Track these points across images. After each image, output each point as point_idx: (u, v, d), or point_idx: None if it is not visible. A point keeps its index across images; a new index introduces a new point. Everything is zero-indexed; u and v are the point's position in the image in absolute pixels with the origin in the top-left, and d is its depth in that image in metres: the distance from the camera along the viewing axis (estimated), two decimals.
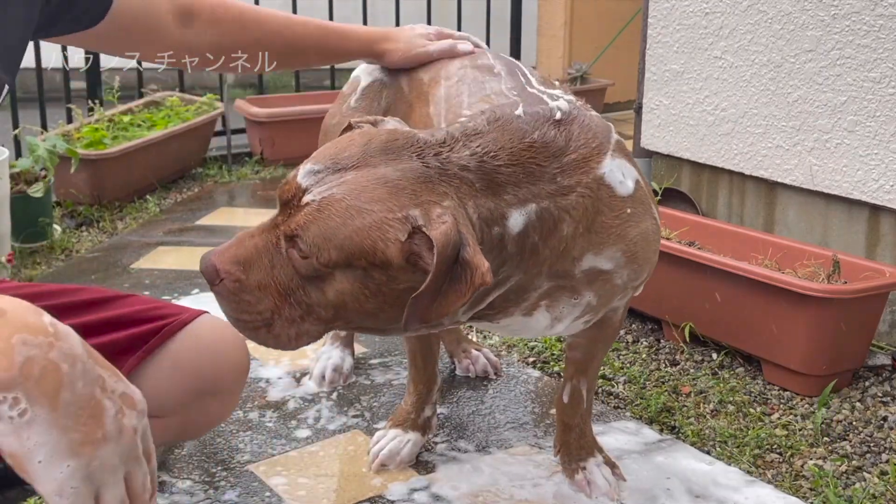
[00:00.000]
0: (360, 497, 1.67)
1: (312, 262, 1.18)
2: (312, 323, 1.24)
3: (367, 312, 1.23)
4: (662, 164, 3.06)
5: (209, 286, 1.25)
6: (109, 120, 3.89)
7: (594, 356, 1.66)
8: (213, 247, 1.28)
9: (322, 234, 1.17)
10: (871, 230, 2.48)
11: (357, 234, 1.16)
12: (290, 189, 1.23)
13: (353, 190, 1.18)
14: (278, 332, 1.25)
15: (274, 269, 1.22)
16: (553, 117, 1.33)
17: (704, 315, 2.34)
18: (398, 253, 1.16)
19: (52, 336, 0.81)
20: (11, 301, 0.83)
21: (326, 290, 1.21)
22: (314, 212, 1.18)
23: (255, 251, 1.23)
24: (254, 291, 1.22)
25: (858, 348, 2.20)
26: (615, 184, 1.36)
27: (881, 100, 2.38)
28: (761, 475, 1.85)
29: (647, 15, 3.02)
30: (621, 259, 1.39)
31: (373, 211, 1.16)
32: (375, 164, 1.20)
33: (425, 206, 1.17)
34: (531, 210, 1.27)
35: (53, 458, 0.79)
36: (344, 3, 5.01)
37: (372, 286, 1.19)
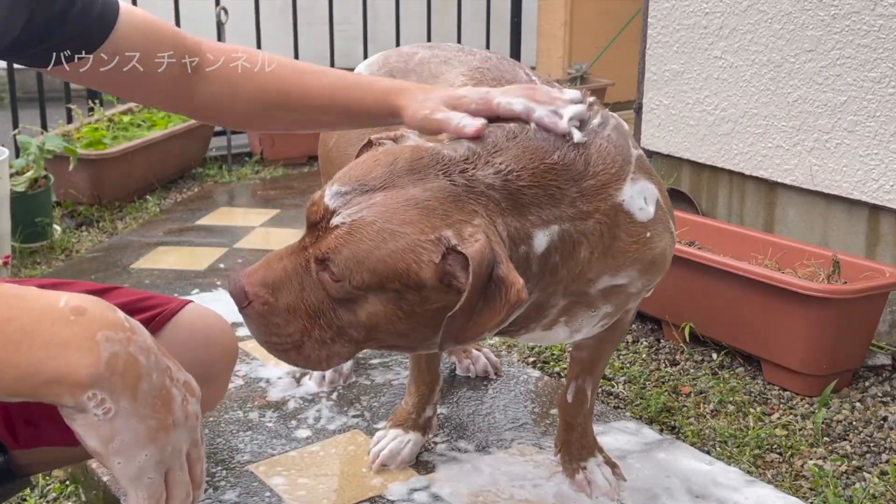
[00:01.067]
0: (360, 497, 1.67)
1: (345, 285, 1.17)
2: (343, 344, 1.24)
3: (400, 333, 1.22)
4: (662, 164, 3.06)
5: (238, 308, 1.23)
6: (109, 120, 3.90)
7: (601, 356, 1.66)
8: (213, 246, 1.28)
9: (355, 258, 1.15)
10: (871, 230, 2.48)
11: (390, 257, 1.15)
12: (317, 210, 1.21)
13: (384, 212, 1.16)
14: (308, 354, 1.24)
15: (304, 291, 1.21)
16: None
17: (704, 315, 2.34)
18: (432, 274, 1.16)
19: (129, 331, 0.85)
20: (89, 299, 0.85)
21: (358, 312, 1.20)
22: (345, 235, 1.16)
23: (284, 274, 1.21)
24: (283, 314, 1.21)
25: (858, 348, 2.20)
26: (635, 210, 1.35)
27: (881, 100, 2.38)
28: (761, 475, 1.85)
29: (647, 15, 3.02)
30: (637, 276, 1.40)
31: (405, 233, 1.15)
32: (403, 184, 1.19)
33: (457, 225, 1.16)
34: (554, 231, 1.26)
35: (133, 446, 0.83)
36: (344, 3, 5.01)
37: (405, 307, 1.18)
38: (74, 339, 0.82)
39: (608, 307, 1.41)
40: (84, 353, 0.81)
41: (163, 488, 0.87)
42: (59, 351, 0.81)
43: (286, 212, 3.62)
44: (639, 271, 1.39)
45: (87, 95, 4.17)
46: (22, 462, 1.30)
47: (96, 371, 0.81)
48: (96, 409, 0.81)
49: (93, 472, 1.75)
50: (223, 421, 1.93)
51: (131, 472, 0.84)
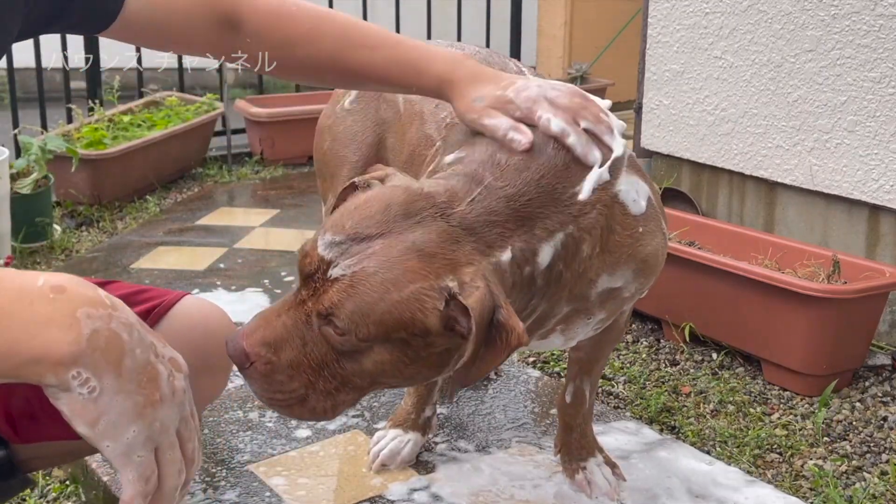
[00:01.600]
0: (360, 497, 1.67)
1: (350, 338, 1.16)
2: (348, 392, 1.23)
3: (405, 377, 1.22)
4: (662, 164, 3.06)
5: (238, 369, 1.22)
6: (109, 120, 3.90)
7: (599, 356, 1.66)
8: (213, 246, 1.28)
9: (359, 311, 1.14)
10: (871, 230, 2.48)
11: (395, 307, 1.14)
12: (311, 262, 1.19)
13: (384, 262, 1.15)
14: (313, 406, 1.23)
15: (306, 346, 1.19)
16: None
17: (704, 315, 2.34)
18: (437, 321, 1.15)
19: (110, 307, 0.85)
20: (67, 277, 0.85)
21: (364, 362, 1.19)
22: (347, 288, 1.15)
23: (284, 331, 1.19)
24: (286, 371, 1.20)
25: (858, 348, 2.20)
26: (629, 202, 1.35)
27: (881, 100, 2.38)
28: (761, 475, 1.85)
29: (647, 15, 3.03)
30: (631, 276, 1.40)
31: (408, 283, 1.14)
32: (400, 230, 1.17)
33: (457, 269, 1.16)
34: (558, 240, 1.26)
35: (120, 422, 0.83)
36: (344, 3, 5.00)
37: (410, 354, 1.18)
38: (55, 316, 0.81)
39: (602, 314, 1.42)
40: (65, 330, 0.80)
41: (154, 466, 0.86)
42: (39, 329, 0.80)
43: (286, 212, 3.62)
44: (633, 272, 1.39)
45: (88, 95, 4.17)
46: (23, 457, 1.30)
47: (78, 348, 0.80)
48: (81, 388, 0.81)
49: (93, 472, 1.75)
50: (223, 421, 1.93)
51: (120, 450, 0.83)
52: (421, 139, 1.58)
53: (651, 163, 3.09)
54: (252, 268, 2.93)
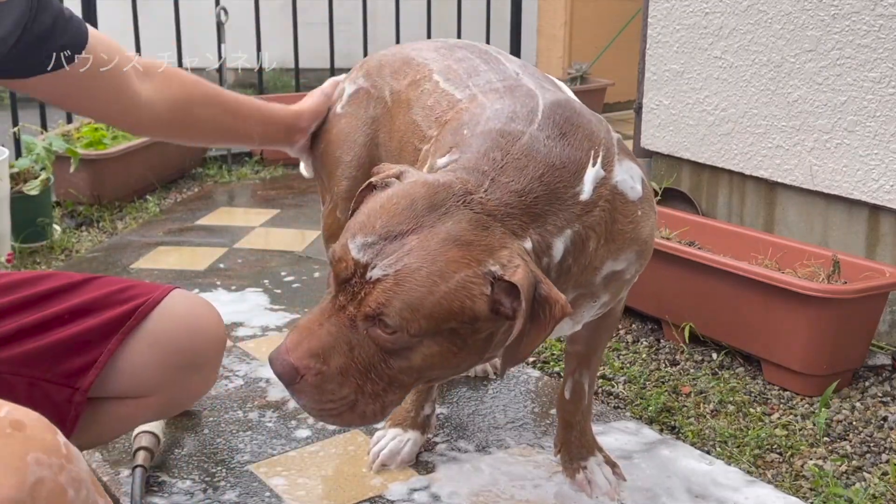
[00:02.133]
0: (360, 497, 1.67)
1: (402, 336, 1.17)
2: (395, 392, 1.24)
3: (451, 366, 1.23)
4: (662, 164, 3.06)
5: (287, 387, 1.22)
6: None
7: (597, 347, 1.67)
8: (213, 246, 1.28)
9: (409, 307, 1.15)
10: (871, 230, 2.48)
11: (445, 299, 1.15)
12: (347, 267, 1.20)
13: (425, 256, 1.16)
14: (363, 410, 1.23)
15: (353, 351, 1.20)
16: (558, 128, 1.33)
17: (704, 315, 2.34)
18: (485, 306, 1.17)
19: (65, 458, 0.81)
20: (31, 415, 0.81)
21: (413, 358, 1.20)
22: (393, 286, 1.15)
23: (330, 339, 1.20)
24: (336, 378, 1.20)
25: (858, 348, 2.20)
26: (627, 190, 1.38)
27: (881, 100, 2.38)
28: (761, 475, 1.85)
29: (647, 15, 3.03)
30: (634, 258, 1.43)
31: (454, 273, 1.16)
32: (431, 223, 1.19)
33: (495, 253, 1.18)
34: (567, 237, 1.29)
35: None
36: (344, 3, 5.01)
37: (458, 342, 1.19)
38: (3, 455, 0.78)
39: (606, 296, 1.45)
40: (10, 472, 0.77)
41: None
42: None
43: (286, 212, 3.62)
44: (636, 253, 1.42)
45: None
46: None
47: (17, 494, 0.76)
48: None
49: (93, 472, 1.75)
50: (223, 421, 1.93)
51: None
52: (409, 126, 1.60)
53: (651, 163, 3.09)
54: (252, 268, 2.93)
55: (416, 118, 1.57)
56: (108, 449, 1.80)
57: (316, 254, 3.07)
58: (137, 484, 1.62)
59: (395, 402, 1.26)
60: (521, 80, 1.48)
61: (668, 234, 2.56)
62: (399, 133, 1.62)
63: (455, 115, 1.45)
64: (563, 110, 1.36)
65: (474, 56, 1.62)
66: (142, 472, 1.65)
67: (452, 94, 1.53)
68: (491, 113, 1.38)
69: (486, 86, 1.49)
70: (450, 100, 1.52)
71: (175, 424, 1.90)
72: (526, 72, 1.53)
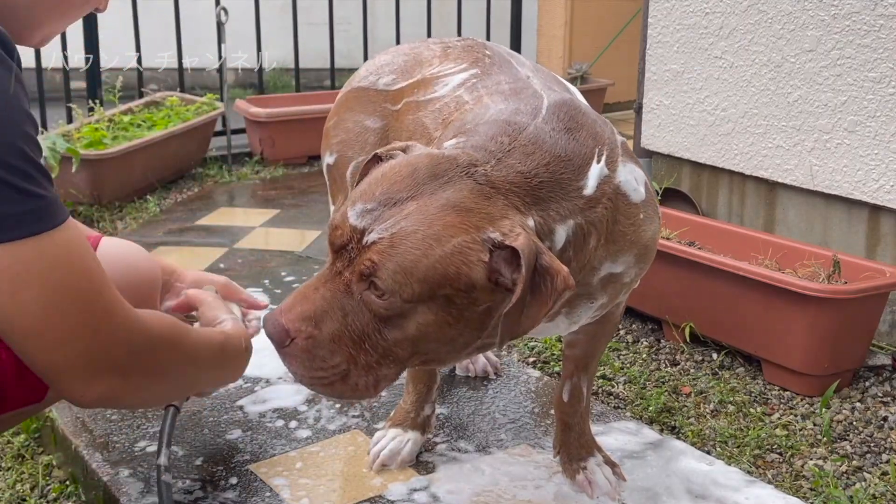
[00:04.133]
0: (360, 497, 1.67)
1: (395, 300, 1.15)
2: (389, 366, 1.22)
3: (448, 339, 1.21)
4: (662, 164, 3.06)
5: (277, 350, 1.21)
6: (109, 120, 3.90)
7: (595, 352, 1.67)
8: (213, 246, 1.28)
9: (403, 270, 1.13)
10: (871, 230, 2.48)
11: (440, 262, 1.14)
12: (343, 233, 1.19)
13: (423, 220, 1.15)
14: (356, 382, 1.21)
15: (347, 317, 1.18)
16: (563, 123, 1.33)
17: (704, 315, 2.34)
18: (482, 273, 1.16)
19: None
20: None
21: (406, 327, 1.18)
22: (388, 248, 1.14)
23: (324, 303, 1.18)
24: (328, 345, 1.19)
25: (858, 348, 2.20)
26: (630, 192, 1.37)
27: (881, 100, 2.38)
28: (761, 475, 1.85)
29: (647, 15, 3.03)
30: (633, 262, 1.42)
31: (450, 237, 1.14)
32: (432, 190, 1.18)
33: (495, 222, 1.17)
34: (570, 226, 1.28)
35: None
36: (344, 3, 5.01)
37: (454, 312, 1.18)
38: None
39: (604, 298, 1.44)
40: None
41: None
42: None
43: (286, 212, 3.62)
44: (635, 257, 1.41)
45: (88, 95, 4.17)
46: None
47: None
48: None
49: (93, 473, 1.75)
50: (223, 421, 1.93)
51: None
52: (417, 126, 1.60)
53: (651, 163, 3.09)
54: (252, 268, 2.93)
55: (425, 120, 1.58)
56: (108, 449, 1.80)
57: (316, 254, 3.07)
58: (168, 424, 1.58)
59: (389, 378, 1.24)
60: (530, 82, 1.48)
61: (669, 234, 2.56)
62: (407, 133, 1.63)
63: (459, 116, 1.46)
64: (568, 109, 1.36)
65: (486, 58, 1.62)
66: (174, 411, 1.60)
67: (460, 96, 1.53)
68: (495, 111, 1.38)
69: (493, 87, 1.49)
70: (458, 101, 1.52)
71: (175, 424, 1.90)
72: (537, 75, 1.53)
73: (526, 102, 1.38)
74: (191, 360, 1.34)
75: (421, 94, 1.63)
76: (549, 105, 1.36)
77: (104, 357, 1.17)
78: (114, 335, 1.17)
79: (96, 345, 1.15)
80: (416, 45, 1.79)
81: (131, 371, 1.20)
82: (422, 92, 1.63)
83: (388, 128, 1.71)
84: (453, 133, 1.38)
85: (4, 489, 1.85)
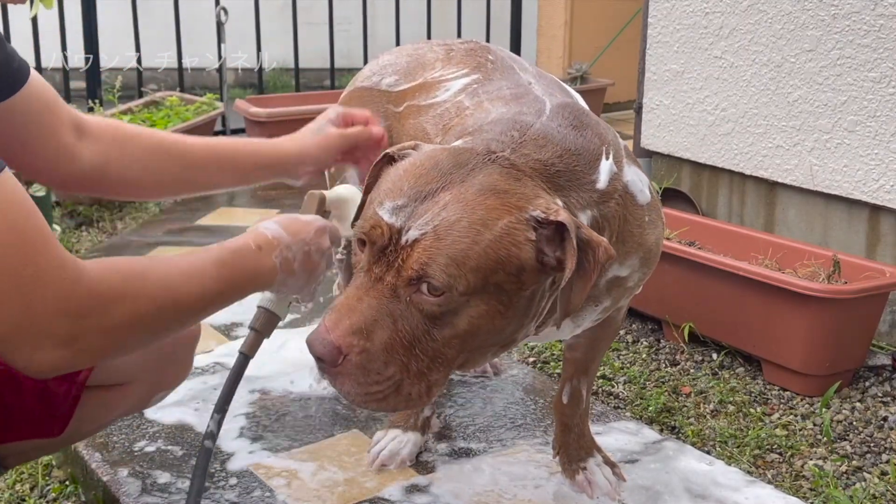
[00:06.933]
0: (360, 497, 1.67)
1: (451, 295, 1.11)
2: (438, 370, 1.18)
3: (497, 330, 1.18)
4: (662, 164, 3.06)
5: (327, 371, 1.14)
6: None
7: (595, 355, 1.67)
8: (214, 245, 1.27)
9: (454, 261, 1.10)
10: (872, 230, 2.48)
11: (491, 247, 1.11)
12: (382, 233, 1.14)
13: (463, 207, 1.12)
14: (409, 391, 1.17)
15: (397, 322, 1.13)
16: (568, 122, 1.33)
17: (704, 315, 2.34)
18: (532, 253, 1.14)
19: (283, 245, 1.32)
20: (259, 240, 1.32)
21: (458, 323, 1.14)
22: (433, 243, 1.10)
23: (372, 312, 1.13)
24: (381, 356, 1.13)
25: (858, 348, 2.20)
26: (636, 192, 1.37)
27: (881, 99, 2.38)
28: (761, 475, 1.85)
29: (647, 15, 3.02)
30: (637, 265, 1.42)
31: (496, 219, 1.12)
32: (461, 178, 1.15)
33: (532, 201, 1.15)
34: (588, 217, 1.27)
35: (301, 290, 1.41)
36: (344, 3, 5.01)
37: (504, 300, 1.15)
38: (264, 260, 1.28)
39: (608, 301, 1.44)
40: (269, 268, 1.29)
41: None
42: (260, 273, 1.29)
43: (286, 212, 3.62)
44: (640, 260, 1.41)
45: (87, 95, 4.17)
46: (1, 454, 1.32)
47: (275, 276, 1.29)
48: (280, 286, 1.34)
49: (93, 473, 1.75)
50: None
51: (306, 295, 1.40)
52: (417, 131, 1.60)
53: (651, 163, 3.09)
54: None
55: (426, 125, 1.57)
56: (108, 449, 1.80)
57: None
58: (233, 375, 1.49)
59: (439, 384, 1.19)
60: (531, 88, 1.47)
61: (669, 234, 2.56)
62: (409, 137, 1.62)
63: (459, 121, 1.45)
64: (572, 110, 1.36)
65: (489, 62, 1.61)
66: (242, 359, 1.49)
67: (461, 101, 1.53)
68: (497, 114, 1.38)
69: (494, 93, 1.48)
70: (458, 107, 1.52)
71: (175, 424, 1.90)
72: (539, 81, 1.52)
73: (529, 106, 1.38)
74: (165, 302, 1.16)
75: (422, 98, 1.63)
76: (552, 107, 1.36)
77: (44, 324, 1.03)
78: (53, 298, 1.03)
79: (33, 310, 1.02)
80: (419, 46, 1.79)
81: (82, 334, 1.06)
82: (423, 96, 1.63)
83: (390, 129, 1.71)
84: (457, 137, 1.37)
85: (4, 489, 1.85)
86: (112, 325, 1.08)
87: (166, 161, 1.52)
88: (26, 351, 1.04)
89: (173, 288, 1.17)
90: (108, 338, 1.10)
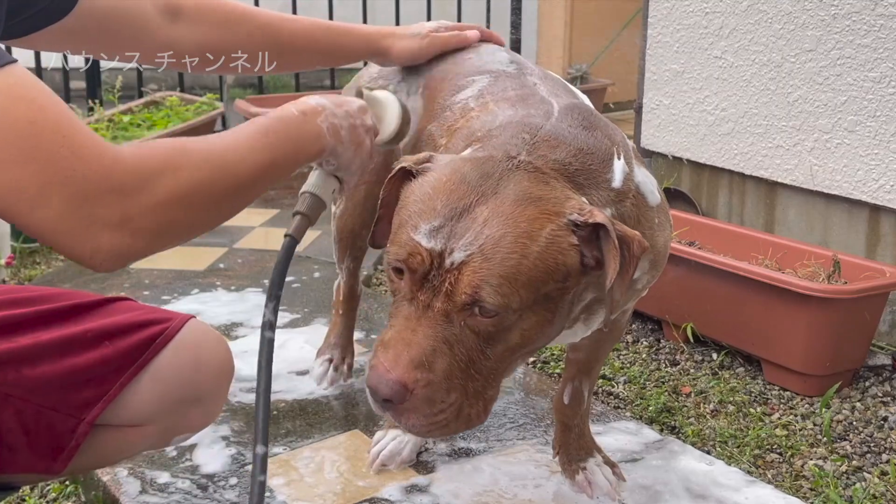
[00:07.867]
0: (360, 497, 1.67)
1: (506, 314, 1.10)
2: (492, 386, 1.18)
3: (545, 337, 1.18)
4: (662, 164, 3.06)
5: (390, 409, 1.11)
6: (109, 120, 3.89)
7: (599, 357, 1.66)
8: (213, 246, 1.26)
9: (507, 280, 1.08)
10: (872, 230, 2.48)
11: (540, 259, 1.09)
12: (422, 260, 1.11)
13: (505, 221, 1.10)
14: (468, 413, 1.16)
15: (453, 348, 1.11)
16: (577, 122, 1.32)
17: (704, 315, 2.34)
18: (576, 258, 1.13)
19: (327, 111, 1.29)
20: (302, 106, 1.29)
21: (511, 338, 1.14)
22: (482, 264, 1.08)
23: (429, 342, 1.11)
24: (443, 384, 1.11)
25: (858, 348, 2.20)
26: (647, 194, 1.37)
27: (881, 99, 2.38)
28: (761, 475, 1.85)
29: (647, 15, 3.02)
30: (647, 267, 1.41)
31: (539, 230, 1.10)
32: (492, 189, 1.13)
33: (564, 204, 1.14)
34: (609, 214, 1.25)
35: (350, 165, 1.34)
36: (344, 3, 5.01)
37: (552, 307, 1.14)
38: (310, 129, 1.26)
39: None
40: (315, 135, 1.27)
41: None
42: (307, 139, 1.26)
43: (286, 212, 3.62)
44: (649, 262, 1.40)
45: (87, 95, 4.17)
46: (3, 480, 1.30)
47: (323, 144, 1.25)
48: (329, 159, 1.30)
49: (92, 472, 1.75)
50: (222, 421, 1.93)
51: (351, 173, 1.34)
52: (422, 133, 1.59)
53: (651, 163, 3.09)
54: (252, 268, 2.93)
55: (431, 127, 1.57)
56: None
57: (316, 254, 3.06)
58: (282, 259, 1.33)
59: (493, 398, 1.18)
60: (537, 89, 1.46)
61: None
62: (413, 140, 1.62)
63: (465, 123, 1.43)
64: (581, 111, 1.36)
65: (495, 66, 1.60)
66: (290, 242, 1.35)
67: (466, 103, 1.52)
68: (504, 116, 1.36)
69: (499, 94, 1.47)
70: (463, 108, 1.51)
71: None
72: (545, 82, 1.51)
73: (536, 108, 1.36)
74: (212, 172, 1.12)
75: (426, 101, 1.62)
76: (560, 108, 1.35)
77: (92, 205, 1.00)
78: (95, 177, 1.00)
79: (78, 192, 0.99)
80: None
81: (132, 213, 1.04)
82: (427, 99, 1.62)
83: None
84: (465, 142, 1.35)
85: None
86: (159, 201, 1.06)
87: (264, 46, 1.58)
88: (82, 238, 1.01)
89: (217, 158, 1.14)
90: (160, 214, 1.06)
